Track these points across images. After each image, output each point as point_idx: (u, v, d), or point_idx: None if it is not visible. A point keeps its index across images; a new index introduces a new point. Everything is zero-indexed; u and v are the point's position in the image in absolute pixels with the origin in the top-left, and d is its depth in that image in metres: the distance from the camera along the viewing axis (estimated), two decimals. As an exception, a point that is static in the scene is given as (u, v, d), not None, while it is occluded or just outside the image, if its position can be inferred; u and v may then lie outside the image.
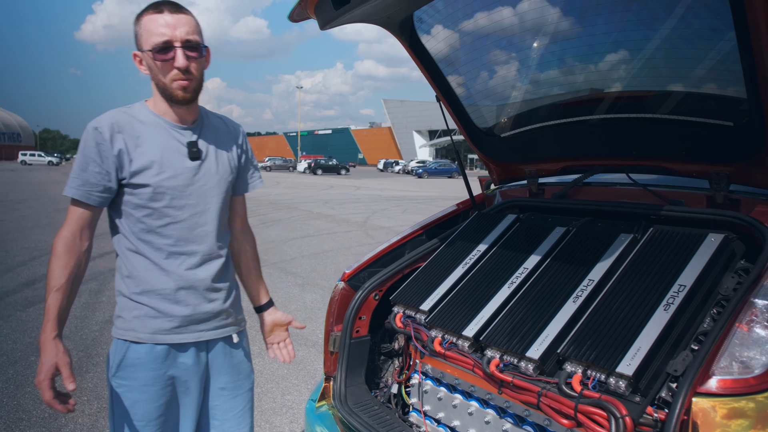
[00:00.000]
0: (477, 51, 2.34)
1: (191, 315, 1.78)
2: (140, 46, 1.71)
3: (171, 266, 1.75)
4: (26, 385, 3.97)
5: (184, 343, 1.79)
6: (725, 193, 1.86)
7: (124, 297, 1.77)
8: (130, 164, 1.69)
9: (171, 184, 1.73)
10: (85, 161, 1.68)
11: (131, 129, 1.71)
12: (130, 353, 1.74)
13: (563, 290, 1.80)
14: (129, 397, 1.74)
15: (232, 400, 1.92)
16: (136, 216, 1.73)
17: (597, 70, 2.06)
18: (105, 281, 7.13)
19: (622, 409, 1.41)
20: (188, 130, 1.79)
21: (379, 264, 2.39)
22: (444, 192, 27.79)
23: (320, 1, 1.94)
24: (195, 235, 1.78)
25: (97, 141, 1.67)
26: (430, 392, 2.13)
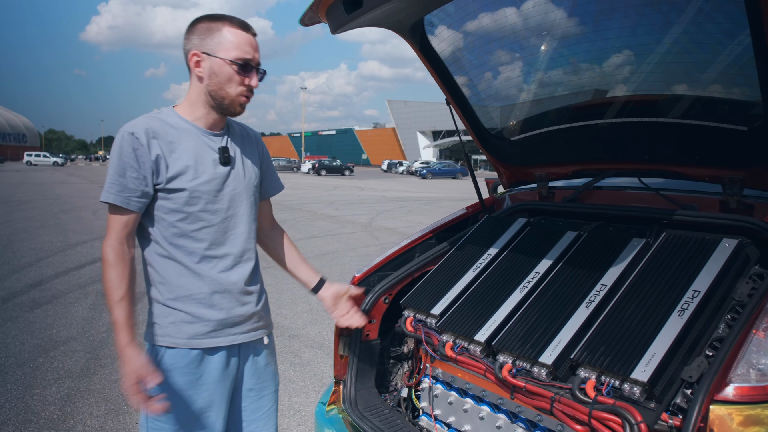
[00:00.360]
0: (487, 54, 2.33)
1: (225, 319, 1.80)
2: (214, 51, 1.71)
3: (204, 270, 1.77)
4: (35, 386, 3.98)
5: (218, 347, 1.81)
6: (738, 197, 1.85)
7: (159, 304, 1.78)
8: (167, 169, 1.71)
9: (206, 189, 1.76)
10: (122, 167, 1.67)
11: (165, 134, 1.72)
12: (166, 359, 1.75)
13: (576, 295, 1.80)
14: (164, 401, 1.75)
15: (258, 401, 1.95)
16: (169, 221, 1.74)
17: (609, 73, 2.05)
18: (111, 282, 7.14)
19: (637, 415, 1.41)
20: (218, 136, 1.83)
21: (389, 267, 2.39)
22: (448, 193, 27.77)
23: (332, 5, 1.94)
24: (227, 238, 1.81)
25: (134, 146, 1.67)
26: (440, 396, 2.13)
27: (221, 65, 1.71)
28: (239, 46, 1.71)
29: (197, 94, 1.78)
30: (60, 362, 4.46)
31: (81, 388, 3.98)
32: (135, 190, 1.68)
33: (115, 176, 1.68)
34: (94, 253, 9.16)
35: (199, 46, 1.72)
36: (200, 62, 1.73)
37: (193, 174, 1.74)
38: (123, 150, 1.68)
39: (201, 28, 1.73)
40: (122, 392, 1.67)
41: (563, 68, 2.20)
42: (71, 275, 7.51)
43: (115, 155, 1.69)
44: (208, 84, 1.74)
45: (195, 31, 1.74)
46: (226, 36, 1.71)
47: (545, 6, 2.07)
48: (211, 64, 1.72)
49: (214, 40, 1.71)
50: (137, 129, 1.69)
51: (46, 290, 6.70)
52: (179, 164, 1.72)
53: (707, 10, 1.71)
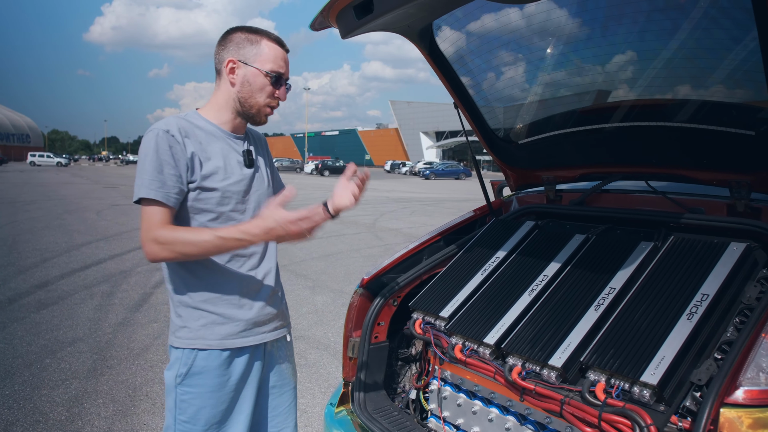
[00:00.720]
0: (495, 58, 2.35)
1: (255, 318, 1.85)
2: (251, 60, 1.78)
3: (234, 268, 1.81)
4: (42, 387, 4.01)
5: (247, 346, 1.84)
6: (746, 201, 1.87)
7: (188, 307, 1.79)
8: (201, 168, 1.74)
9: (236, 189, 1.80)
10: (159, 164, 1.67)
11: (194, 135, 1.76)
12: (198, 361, 1.78)
13: (584, 298, 1.81)
14: (195, 404, 1.79)
15: (279, 397, 2.00)
16: (200, 221, 1.76)
17: (617, 77, 2.07)
18: (117, 283, 7.18)
19: (647, 418, 1.42)
20: (241, 140, 1.88)
21: (398, 270, 2.40)
22: (452, 194, 27.77)
23: (342, 10, 1.95)
24: None
25: (170, 144, 1.69)
26: (449, 398, 2.14)
27: (256, 75, 1.78)
28: (275, 59, 1.80)
29: (226, 99, 1.83)
30: (67, 363, 4.48)
31: (88, 389, 4.00)
32: (173, 187, 1.69)
33: (153, 173, 1.67)
34: (99, 254, 9.19)
35: (236, 54, 1.78)
36: (235, 69, 1.79)
37: (224, 174, 1.78)
38: (159, 147, 1.68)
39: (240, 38, 1.79)
40: (298, 229, 1.62)
41: (571, 72, 2.21)
42: (77, 276, 7.54)
43: (151, 152, 1.68)
44: (239, 91, 1.80)
45: (233, 39, 1.80)
46: (264, 49, 1.79)
47: (553, 11, 2.08)
48: (246, 72, 1.78)
49: (252, 51, 1.78)
50: (171, 127, 1.72)
51: (52, 291, 6.73)
52: (211, 164, 1.76)
53: (715, 15, 1.72)
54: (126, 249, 9.72)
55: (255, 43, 1.79)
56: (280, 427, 2.02)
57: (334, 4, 1.92)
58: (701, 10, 1.72)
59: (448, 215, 16.86)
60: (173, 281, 1.82)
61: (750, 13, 1.49)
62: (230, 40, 1.81)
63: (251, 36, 1.80)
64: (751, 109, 1.80)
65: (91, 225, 12.83)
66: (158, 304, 6.24)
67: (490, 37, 2.27)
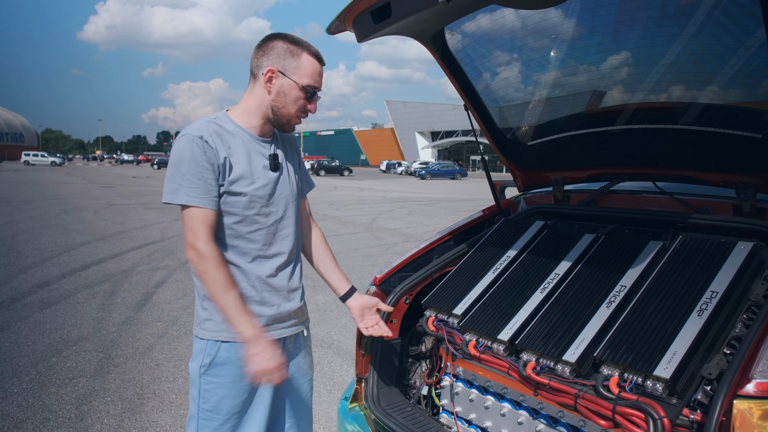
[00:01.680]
0: (505, 62, 2.40)
1: (275, 314, 1.92)
2: (289, 72, 1.83)
3: (256, 269, 1.87)
4: (50, 385, 4.04)
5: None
6: (752, 202, 1.92)
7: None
8: (230, 172, 1.79)
9: (261, 193, 1.86)
10: (198, 169, 1.74)
11: (224, 140, 1.81)
12: (222, 352, 1.85)
13: (596, 295, 1.86)
14: (217, 393, 1.86)
15: (297, 389, 2.07)
16: (226, 223, 1.83)
17: (625, 81, 2.12)
18: (118, 283, 7.20)
19: (661, 410, 1.47)
20: (268, 143, 1.93)
21: (409, 269, 2.45)
22: (448, 194, 27.84)
23: (359, 16, 2.00)
24: (276, 239, 1.92)
25: (205, 149, 1.75)
26: (461, 394, 2.19)
27: (292, 87, 1.83)
28: (312, 75, 1.85)
29: (258, 105, 1.87)
30: (73, 362, 4.51)
31: (96, 387, 4.03)
32: (213, 190, 1.77)
33: (193, 179, 1.74)
34: (99, 253, 9.20)
35: (276, 64, 1.82)
36: (273, 78, 1.83)
37: (250, 179, 1.84)
38: (194, 153, 1.74)
39: (281, 48, 1.83)
40: (262, 374, 1.78)
41: (579, 75, 2.27)
42: (78, 276, 7.56)
43: (188, 158, 1.74)
44: (273, 99, 1.85)
45: (274, 48, 1.83)
46: (304, 62, 1.83)
47: (561, 16, 2.13)
48: (283, 83, 1.82)
49: (292, 63, 1.82)
50: (205, 133, 1.77)
51: (54, 290, 6.75)
52: (238, 169, 1.82)
53: (722, 19, 1.77)
54: (125, 249, 9.73)
55: (296, 55, 1.83)
56: (298, 417, 2.09)
57: (352, 9, 1.97)
58: (708, 14, 1.77)
59: (446, 215, 16.93)
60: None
61: (758, 18, 1.54)
62: (272, 48, 1.84)
63: (293, 48, 1.83)
64: (757, 112, 1.86)
65: (89, 225, 12.82)
66: (161, 304, 6.27)
67: (500, 41, 2.32)
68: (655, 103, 2.12)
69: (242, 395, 1.89)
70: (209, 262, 1.73)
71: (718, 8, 1.71)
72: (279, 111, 1.86)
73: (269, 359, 1.76)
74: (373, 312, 2.13)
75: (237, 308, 1.74)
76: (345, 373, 4.48)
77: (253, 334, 1.75)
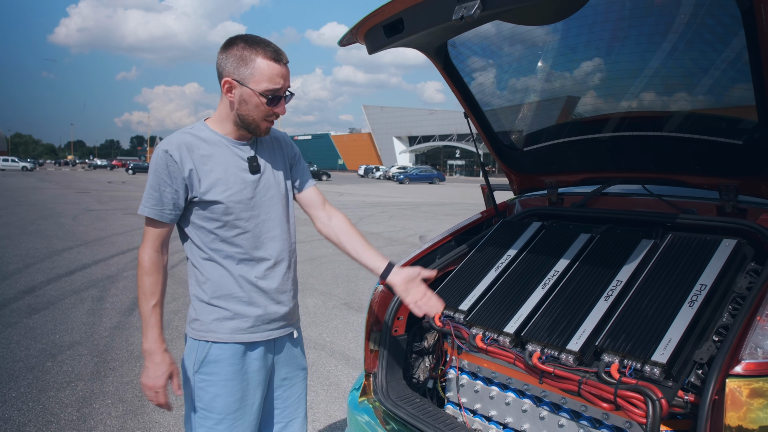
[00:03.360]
0: (503, 72, 2.55)
1: (263, 315, 1.96)
2: (245, 81, 1.80)
3: (242, 271, 1.92)
4: (48, 389, 4.07)
5: (257, 341, 1.96)
6: (734, 203, 2.10)
7: (202, 302, 1.93)
8: (200, 183, 1.85)
9: (238, 198, 1.89)
10: (157, 182, 1.83)
11: (198, 149, 1.86)
12: (213, 350, 1.91)
13: (594, 290, 2.01)
14: (210, 391, 1.91)
15: (290, 389, 2.13)
16: (207, 228, 1.89)
17: (618, 91, 2.28)
18: (105, 288, 7.19)
19: (658, 392, 1.62)
20: (246, 145, 1.95)
21: (414, 268, 2.58)
22: (427, 198, 28.07)
23: (371, 30, 2.13)
24: (262, 242, 1.95)
25: (168, 163, 1.82)
26: (466, 386, 2.32)
27: (250, 95, 1.81)
28: (270, 78, 1.80)
29: (227, 113, 1.89)
30: (69, 366, 4.54)
31: (95, 390, 4.07)
32: (168, 204, 1.84)
33: (150, 191, 1.84)
34: (82, 259, 9.15)
35: (232, 74, 1.81)
36: (232, 89, 1.82)
37: (224, 185, 1.87)
38: (158, 167, 1.83)
39: (236, 55, 1.80)
40: (146, 389, 1.86)
41: (574, 85, 2.42)
42: (63, 281, 7.52)
43: (151, 171, 1.85)
44: (237, 108, 1.85)
45: (230, 55, 1.81)
46: (260, 68, 1.79)
47: (557, 30, 2.29)
48: (242, 92, 1.82)
49: (247, 70, 1.79)
50: (171, 147, 1.83)
51: (41, 296, 6.72)
52: (212, 177, 1.86)
53: (707, 37, 1.94)
54: (109, 254, 9.68)
55: (250, 61, 1.78)
56: (291, 417, 2.15)
57: (365, 23, 2.10)
58: (695, 31, 1.94)
59: (427, 219, 17.12)
60: (191, 278, 1.98)
61: (741, 37, 1.71)
62: (228, 55, 1.82)
63: (246, 53, 1.79)
64: (738, 120, 2.03)
65: (68, 230, 12.69)
66: (151, 308, 6.28)
67: (499, 52, 2.47)
68: (646, 111, 2.28)
69: (235, 393, 1.92)
70: (141, 268, 1.84)
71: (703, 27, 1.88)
72: (245, 118, 1.86)
73: (156, 377, 1.82)
74: (418, 283, 2.04)
75: (149, 318, 1.82)
76: (340, 373, 4.59)
77: (151, 348, 1.82)
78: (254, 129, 1.91)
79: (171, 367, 1.86)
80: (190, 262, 1.96)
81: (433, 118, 79.70)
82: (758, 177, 2.00)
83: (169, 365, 1.85)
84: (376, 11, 2.03)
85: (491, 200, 2.84)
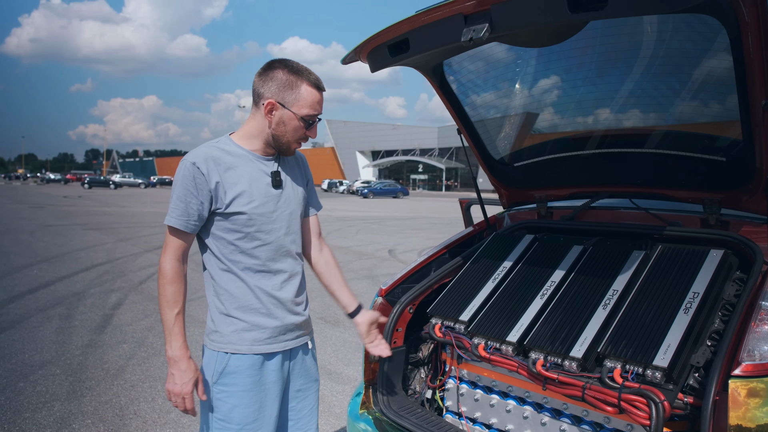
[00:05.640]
0: (496, 91, 2.65)
1: (280, 326, 2.00)
2: (289, 104, 1.90)
3: (260, 283, 1.96)
4: (23, 410, 3.93)
5: (274, 352, 1.99)
6: (717, 216, 2.23)
7: (221, 314, 1.95)
8: (225, 195, 1.89)
9: (261, 211, 1.94)
10: (184, 193, 1.86)
11: (223, 162, 1.91)
12: (232, 362, 1.93)
13: (592, 299, 2.11)
14: (228, 402, 1.93)
15: (304, 400, 2.15)
16: (228, 239, 1.93)
17: (608, 110, 2.41)
18: (72, 305, 6.99)
19: (661, 395, 1.71)
20: (271, 160, 2.02)
21: (411, 281, 2.64)
22: (392, 212, 28.21)
23: (375, 49, 2.19)
24: (279, 255, 2.01)
25: (194, 175, 1.86)
26: (466, 395, 2.38)
27: (291, 118, 1.91)
28: (311, 104, 1.92)
29: (260, 131, 1.96)
30: (42, 386, 4.39)
31: (73, 411, 3.96)
32: (193, 215, 1.88)
33: (176, 201, 1.88)
34: (45, 276, 8.86)
35: (276, 96, 1.89)
36: (273, 110, 1.91)
37: (249, 198, 1.93)
38: (185, 178, 1.87)
39: (281, 79, 1.89)
40: (173, 396, 1.87)
41: (565, 103, 2.54)
42: (27, 299, 7.27)
43: (178, 183, 1.89)
44: (274, 129, 1.94)
45: (274, 78, 1.90)
46: (303, 93, 1.90)
47: (548, 52, 2.40)
48: (283, 114, 1.91)
49: (291, 95, 1.90)
50: (198, 159, 1.88)
51: (4, 315, 6.48)
52: (237, 189, 1.91)
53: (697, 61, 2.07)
54: (73, 271, 9.41)
55: (295, 88, 1.89)
56: (304, 429, 2.17)
57: (370, 43, 2.16)
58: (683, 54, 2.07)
59: (394, 233, 17.21)
60: (209, 290, 2.00)
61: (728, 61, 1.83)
62: (272, 78, 1.90)
63: (292, 78, 1.89)
64: (722, 139, 2.17)
65: (27, 247, 12.26)
66: (122, 325, 6.14)
67: (491, 74, 2.57)
68: (636, 129, 2.41)
69: (253, 404, 1.95)
70: (163, 277, 1.87)
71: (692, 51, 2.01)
72: (279, 139, 1.95)
73: (183, 384, 1.85)
74: (375, 327, 2.24)
75: (173, 327, 1.85)
76: (323, 388, 4.57)
77: (176, 355, 1.85)
78: (285, 149, 1.99)
79: (196, 373, 1.88)
80: (207, 272, 1.98)
81: (396, 133, 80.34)
82: (740, 191, 2.14)
83: (195, 372, 1.88)
84: (382, 31, 2.10)
85: (482, 213, 2.92)
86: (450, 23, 1.89)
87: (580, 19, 1.64)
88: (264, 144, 1.98)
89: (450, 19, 1.89)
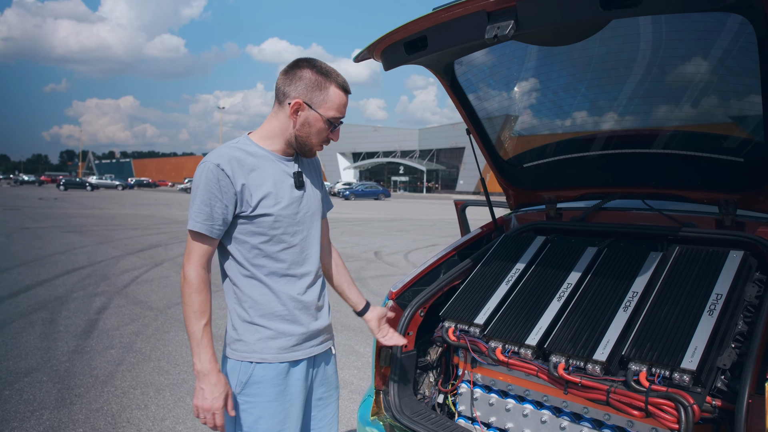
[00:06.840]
0: (507, 91, 2.62)
1: (305, 333, 1.94)
2: (316, 105, 1.85)
3: (285, 288, 1.90)
4: (11, 420, 3.80)
5: (299, 359, 1.93)
6: (733, 216, 2.22)
7: (245, 322, 1.87)
8: (252, 197, 1.82)
9: (287, 212, 1.88)
10: (208, 197, 1.78)
11: (247, 163, 1.84)
12: (257, 371, 1.86)
13: (611, 301, 2.08)
14: (253, 413, 1.86)
15: (325, 408, 2.09)
16: (252, 243, 1.85)
17: (622, 110, 2.38)
18: (55, 310, 6.81)
19: (690, 398, 1.69)
20: (291, 161, 1.96)
21: (421, 283, 2.59)
22: (376, 214, 28.15)
23: (389, 47, 2.14)
24: (304, 258, 1.95)
25: (219, 177, 1.77)
26: (480, 399, 2.34)
27: (317, 119, 1.86)
28: (338, 107, 1.88)
29: (282, 131, 1.90)
30: (29, 394, 4.25)
31: (63, 419, 3.83)
32: (218, 219, 1.79)
33: (201, 205, 1.78)
34: (24, 280, 8.63)
35: (303, 96, 1.84)
36: (299, 110, 1.86)
37: (275, 199, 1.86)
38: (209, 181, 1.78)
39: (309, 79, 1.84)
40: (202, 411, 1.72)
41: (577, 103, 2.52)
42: (7, 304, 7.07)
43: (201, 186, 1.79)
44: (298, 130, 1.88)
45: (302, 77, 1.84)
46: (331, 95, 1.86)
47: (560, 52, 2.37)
48: (309, 115, 1.86)
49: (320, 96, 1.85)
50: (222, 161, 1.79)
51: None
52: (262, 191, 1.84)
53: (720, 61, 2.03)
54: (52, 274, 9.18)
55: (324, 89, 1.85)
56: None
57: (384, 40, 2.11)
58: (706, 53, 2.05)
59: (379, 235, 17.17)
60: (230, 298, 1.92)
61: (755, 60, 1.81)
62: (299, 78, 1.85)
63: (321, 79, 1.85)
64: (739, 139, 2.16)
65: (4, 249, 11.96)
66: (109, 330, 6.00)
67: (502, 73, 2.54)
68: (651, 129, 2.39)
69: (278, 415, 1.89)
70: (189, 286, 1.77)
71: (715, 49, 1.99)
72: (302, 140, 1.90)
73: (214, 398, 1.77)
74: (385, 322, 2.26)
75: (201, 338, 1.77)
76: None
77: (206, 369, 1.77)
78: (307, 150, 1.94)
79: (227, 387, 1.80)
80: (229, 279, 1.90)
81: (377, 135, 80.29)
82: (757, 192, 2.13)
83: (225, 386, 1.80)
84: (398, 29, 2.05)
85: (491, 215, 2.89)
86: (472, 20, 1.85)
87: (611, 16, 1.61)
88: (285, 144, 1.92)
89: (472, 16, 1.84)
